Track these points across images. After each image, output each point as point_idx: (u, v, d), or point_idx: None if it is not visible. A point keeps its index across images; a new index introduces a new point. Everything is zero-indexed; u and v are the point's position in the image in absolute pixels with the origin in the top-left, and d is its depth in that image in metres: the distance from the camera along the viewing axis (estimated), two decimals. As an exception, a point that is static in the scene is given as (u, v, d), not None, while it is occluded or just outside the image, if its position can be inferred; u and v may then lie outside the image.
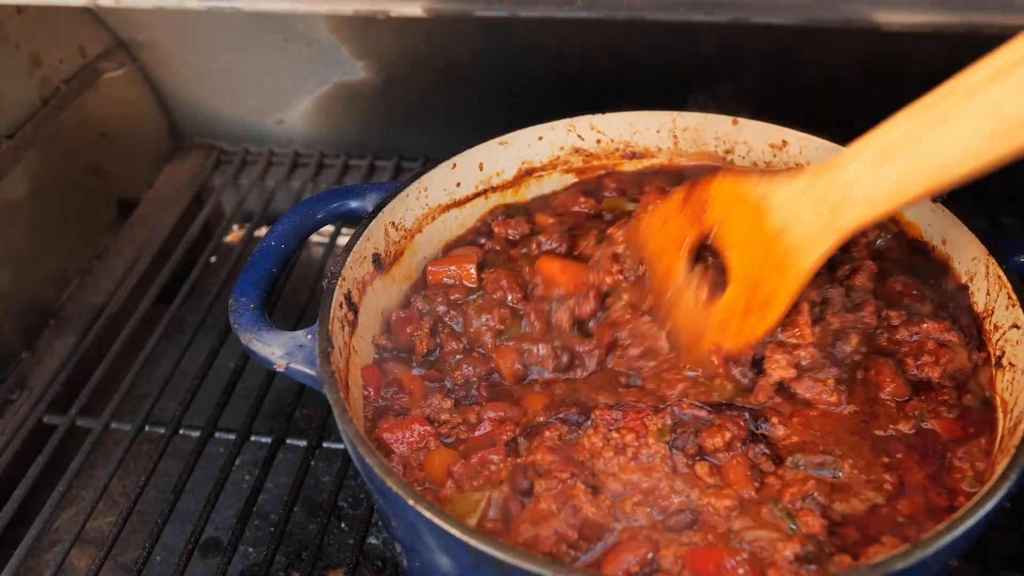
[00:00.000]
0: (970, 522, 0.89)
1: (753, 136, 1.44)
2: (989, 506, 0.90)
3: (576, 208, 1.43)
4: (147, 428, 1.57)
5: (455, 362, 1.23)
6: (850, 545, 0.98)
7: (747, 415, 1.11)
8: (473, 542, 0.89)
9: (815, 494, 1.01)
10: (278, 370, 1.12)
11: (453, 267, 1.33)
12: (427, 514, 0.92)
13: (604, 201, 1.43)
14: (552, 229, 1.36)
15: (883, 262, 1.27)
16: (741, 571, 0.93)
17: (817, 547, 0.96)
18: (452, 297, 1.29)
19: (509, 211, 1.45)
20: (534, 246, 1.35)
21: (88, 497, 1.51)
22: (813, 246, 1.02)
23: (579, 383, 1.19)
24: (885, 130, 0.94)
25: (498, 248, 1.38)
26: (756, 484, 1.04)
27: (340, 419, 1.03)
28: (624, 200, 1.41)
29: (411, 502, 0.93)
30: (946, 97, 0.88)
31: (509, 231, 1.40)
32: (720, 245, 1.14)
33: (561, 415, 1.12)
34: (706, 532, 0.99)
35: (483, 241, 1.41)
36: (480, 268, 1.33)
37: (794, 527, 0.99)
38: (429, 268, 1.34)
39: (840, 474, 1.05)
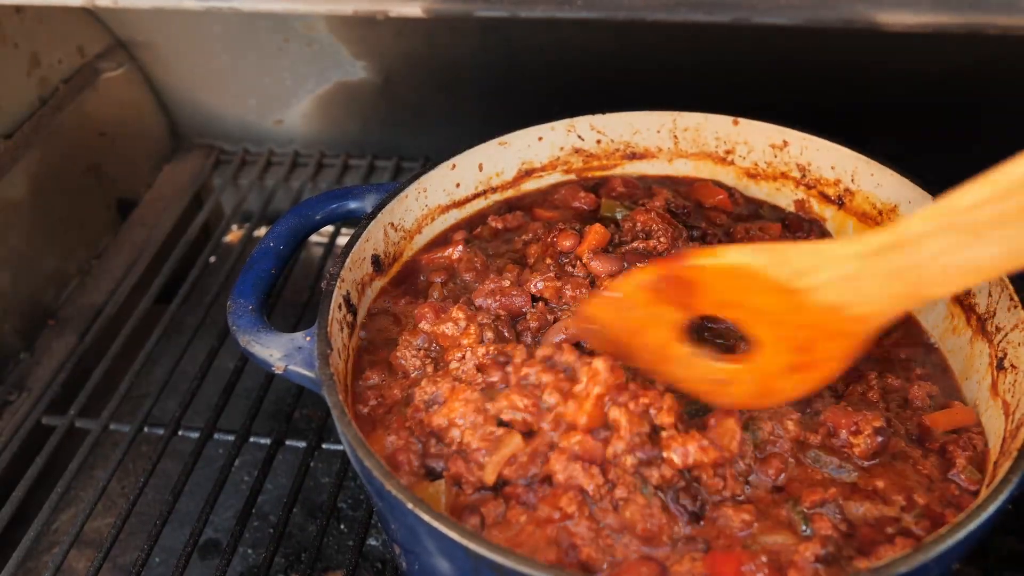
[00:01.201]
0: (972, 526, 0.89)
1: (754, 136, 1.44)
2: (992, 510, 0.90)
3: (576, 204, 1.43)
4: (146, 429, 1.57)
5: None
6: (866, 545, 0.98)
7: None
8: (472, 546, 0.89)
9: (838, 499, 1.01)
10: (276, 372, 1.12)
11: (439, 254, 1.34)
12: (426, 517, 0.91)
13: (601, 204, 1.41)
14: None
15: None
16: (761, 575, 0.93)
17: (836, 548, 0.96)
18: (436, 281, 1.31)
19: (508, 206, 1.45)
20: (518, 242, 1.36)
21: (87, 498, 1.51)
22: (882, 314, 0.92)
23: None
24: (963, 206, 0.82)
25: (485, 235, 1.39)
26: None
27: (339, 422, 1.02)
28: (616, 204, 1.39)
29: (410, 505, 0.93)
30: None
31: (504, 225, 1.40)
32: (732, 320, 1.02)
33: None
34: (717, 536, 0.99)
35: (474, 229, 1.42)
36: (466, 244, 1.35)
37: (808, 530, 0.99)
38: (416, 257, 1.36)
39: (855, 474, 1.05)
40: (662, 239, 1.28)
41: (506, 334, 1.19)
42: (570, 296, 1.22)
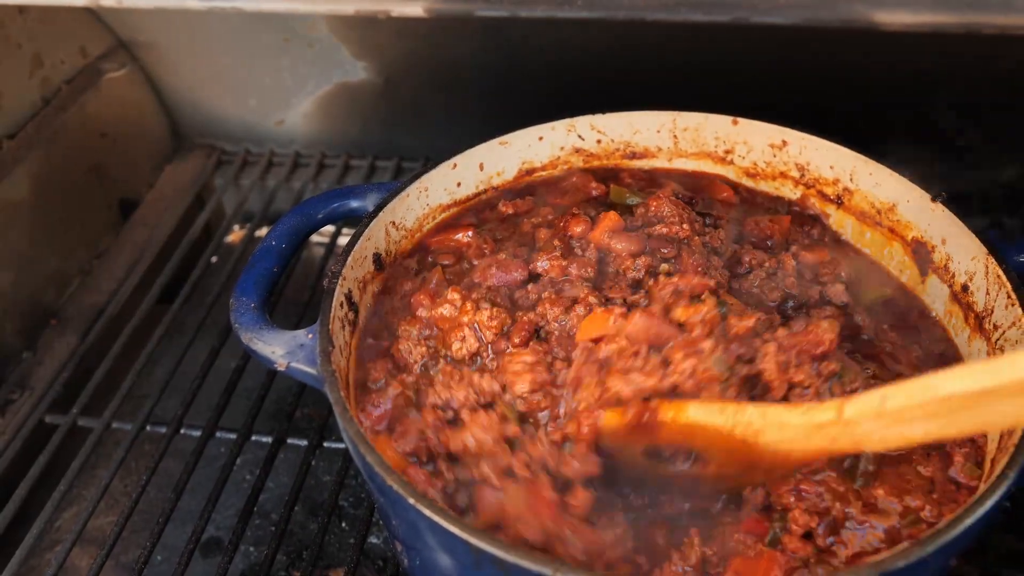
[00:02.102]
0: (969, 520, 0.89)
1: (753, 136, 1.44)
2: (988, 505, 0.90)
3: (588, 191, 1.43)
4: (148, 428, 1.57)
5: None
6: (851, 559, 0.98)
7: None
8: (474, 540, 0.89)
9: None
10: (279, 369, 1.12)
11: (450, 236, 1.35)
12: (428, 513, 0.92)
13: (611, 191, 1.41)
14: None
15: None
16: None
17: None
18: (441, 264, 1.31)
19: (518, 194, 1.45)
20: (526, 224, 1.36)
21: (89, 497, 1.52)
22: (823, 453, 1.00)
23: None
24: (894, 407, 0.88)
25: (494, 219, 1.39)
26: None
27: (341, 418, 1.03)
28: (626, 191, 1.39)
29: (411, 500, 0.93)
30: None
31: (515, 209, 1.40)
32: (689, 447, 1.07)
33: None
34: None
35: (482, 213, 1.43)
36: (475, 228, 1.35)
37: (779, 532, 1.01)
38: (424, 240, 1.37)
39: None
40: (684, 226, 1.27)
41: (499, 301, 1.19)
42: (576, 275, 1.21)
